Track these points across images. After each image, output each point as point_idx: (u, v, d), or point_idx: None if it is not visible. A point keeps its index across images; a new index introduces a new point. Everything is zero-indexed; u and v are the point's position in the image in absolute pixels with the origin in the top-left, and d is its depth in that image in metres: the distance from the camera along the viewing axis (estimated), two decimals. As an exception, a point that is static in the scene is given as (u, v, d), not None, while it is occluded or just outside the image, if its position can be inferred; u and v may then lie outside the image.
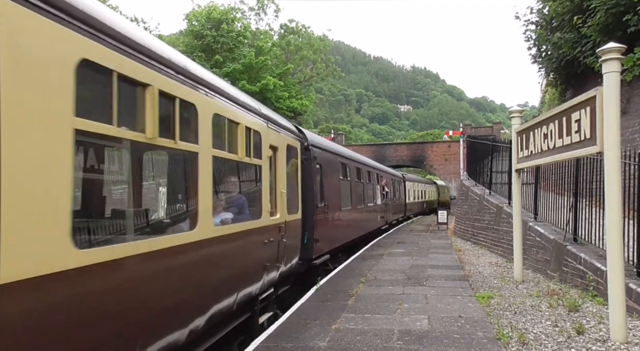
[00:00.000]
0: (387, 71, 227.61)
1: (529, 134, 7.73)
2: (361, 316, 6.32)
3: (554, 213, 9.37)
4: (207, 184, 4.54)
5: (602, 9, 11.79)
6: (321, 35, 44.85)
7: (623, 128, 8.76)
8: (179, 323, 4.04)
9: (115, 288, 3.19)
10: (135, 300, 3.44)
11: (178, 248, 3.97)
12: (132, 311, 3.38)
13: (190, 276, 4.22)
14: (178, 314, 4.04)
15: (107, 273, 3.08)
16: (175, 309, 3.98)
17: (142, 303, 3.51)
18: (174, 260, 3.93)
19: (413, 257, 12.30)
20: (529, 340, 5.14)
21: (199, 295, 4.42)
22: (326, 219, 10.47)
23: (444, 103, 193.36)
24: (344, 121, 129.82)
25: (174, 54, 4.16)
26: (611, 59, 5.02)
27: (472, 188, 16.61)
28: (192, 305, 4.29)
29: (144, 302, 3.53)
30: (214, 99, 4.79)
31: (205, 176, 4.49)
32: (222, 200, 5.52)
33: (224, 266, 5.07)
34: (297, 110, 35.76)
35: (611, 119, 5.00)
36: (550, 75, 18.40)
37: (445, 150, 41.32)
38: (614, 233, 5.07)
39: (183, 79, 4.12)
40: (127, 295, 3.34)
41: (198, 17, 34.56)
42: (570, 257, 7.65)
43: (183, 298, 4.11)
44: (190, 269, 4.24)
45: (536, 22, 17.40)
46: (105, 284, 3.07)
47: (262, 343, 5.30)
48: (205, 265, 4.55)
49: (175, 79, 3.98)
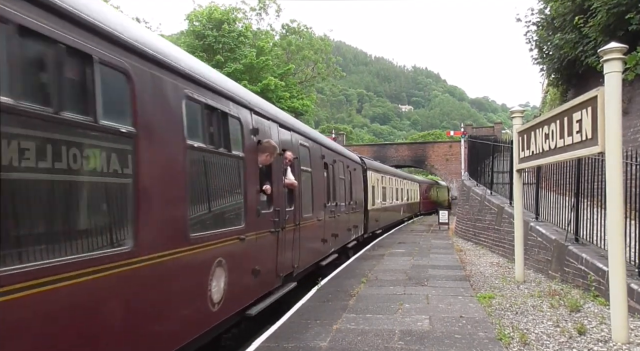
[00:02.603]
0: (388, 71, 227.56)
1: (530, 134, 7.72)
2: (362, 317, 6.32)
3: (555, 213, 9.36)
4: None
5: (604, 8, 11.77)
6: (322, 35, 44.98)
7: (624, 129, 8.75)
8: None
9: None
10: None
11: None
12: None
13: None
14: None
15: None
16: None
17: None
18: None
19: (414, 257, 12.30)
20: (530, 341, 5.13)
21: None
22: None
23: (445, 103, 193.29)
24: (345, 121, 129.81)
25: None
26: (612, 59, 5.02)
27: (474, 188, 16.59)
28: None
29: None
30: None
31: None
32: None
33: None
34: (298, 110, 35.76)
35: (612, 119, 4.99)
36: (551, 76, 18.38)
37: (446, 150, 41.33)
38: (615, 234, 5.06)
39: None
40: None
41: (199, 17, 34.59)
42: (572, 257, 7.64)
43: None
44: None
45: (537, 23, 17.39)
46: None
47: (263, 343, 5.30)
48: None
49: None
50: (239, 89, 5.85)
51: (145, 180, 3.46)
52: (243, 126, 5.49)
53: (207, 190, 4.59)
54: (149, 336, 3.56)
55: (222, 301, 4.65)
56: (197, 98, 4.41)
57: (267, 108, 6.70)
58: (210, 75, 4.94)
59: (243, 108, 5.59)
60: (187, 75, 4.24)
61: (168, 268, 3.75)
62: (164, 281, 3.73)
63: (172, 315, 3.88)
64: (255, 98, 6.41)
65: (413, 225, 27.22)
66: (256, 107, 6.06)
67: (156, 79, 3.75)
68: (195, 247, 4.15)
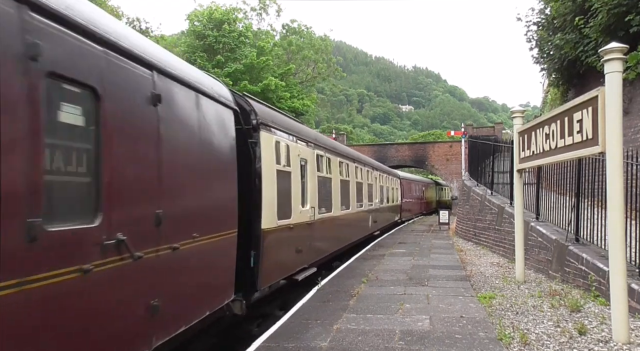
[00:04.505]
0: (388, 71, 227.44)
1: (530, 134, 7.71)
2: (363, 317, 6.32)
3: (555, 213, 9.35)
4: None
5: (604, 9, 11.77)
6: (323, 35, 44.88)
7: (625, 129, 8.76)
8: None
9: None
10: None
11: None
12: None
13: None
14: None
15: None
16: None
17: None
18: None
19: (415, 257, 12.29)
20: (530, 341, 5.13)
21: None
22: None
23: (445, 103, 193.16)
24: (346, 121, 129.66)
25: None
26: (613, 59, 5.01)
27: (474, 188, 16.59)
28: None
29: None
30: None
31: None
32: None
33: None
34: (298, 110, 35.78)
35: (613, 119, 4.99)
36: (552, 76, 18.38)
37: (447, 150, 41.30)
38: (616, 234, 5.06)
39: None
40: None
41: (200, 17, 34.60)
42: (572, 257, 7.64)
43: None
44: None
45: (538, 23, 17.40)
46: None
47: (264, 343, 5.30)
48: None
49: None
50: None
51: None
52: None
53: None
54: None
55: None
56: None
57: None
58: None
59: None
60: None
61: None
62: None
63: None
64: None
65: (413, 225, 27.21)
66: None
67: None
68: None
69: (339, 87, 60.17)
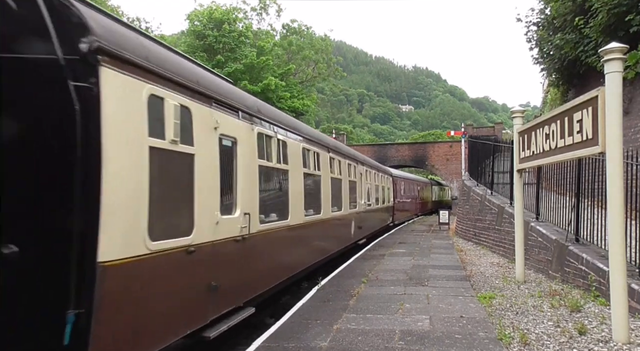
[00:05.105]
0: (388, 71, 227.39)
1: (530, 134, 7.71)
2: (363, 317, 6.32)
3: (555, 213, 9.36)
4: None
5: (604, 9, 11.77)
6: (323, 35, 44.93)
7: (625, 129, 8.76)
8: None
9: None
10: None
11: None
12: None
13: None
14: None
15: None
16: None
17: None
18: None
19: (415, 257, 12.30)
20: (530, 341, 5.13)
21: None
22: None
23: (445, 103, 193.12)
24: (346, 121, 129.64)
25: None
26: (613, 59, 5.02)
27: (474, 188, 16.59)
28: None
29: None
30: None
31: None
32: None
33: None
34: (298, 110, 35.80)
35: (613, 119, 4.99)
36: (552, 76, 18.38)
37: (447, 150, 41.34)
38: (616, 234, 5.06)
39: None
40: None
41: (200, 17, 34.60)
42: (572, 257, 7.64)
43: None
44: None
45: (538, 23, 17.40)
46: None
47: (264, 343, 5.31)
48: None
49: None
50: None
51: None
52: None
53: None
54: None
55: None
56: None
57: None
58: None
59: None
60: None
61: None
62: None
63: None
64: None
65: (414, 225, 27.22)
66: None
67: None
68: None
69: (339, 87, 60.20)
